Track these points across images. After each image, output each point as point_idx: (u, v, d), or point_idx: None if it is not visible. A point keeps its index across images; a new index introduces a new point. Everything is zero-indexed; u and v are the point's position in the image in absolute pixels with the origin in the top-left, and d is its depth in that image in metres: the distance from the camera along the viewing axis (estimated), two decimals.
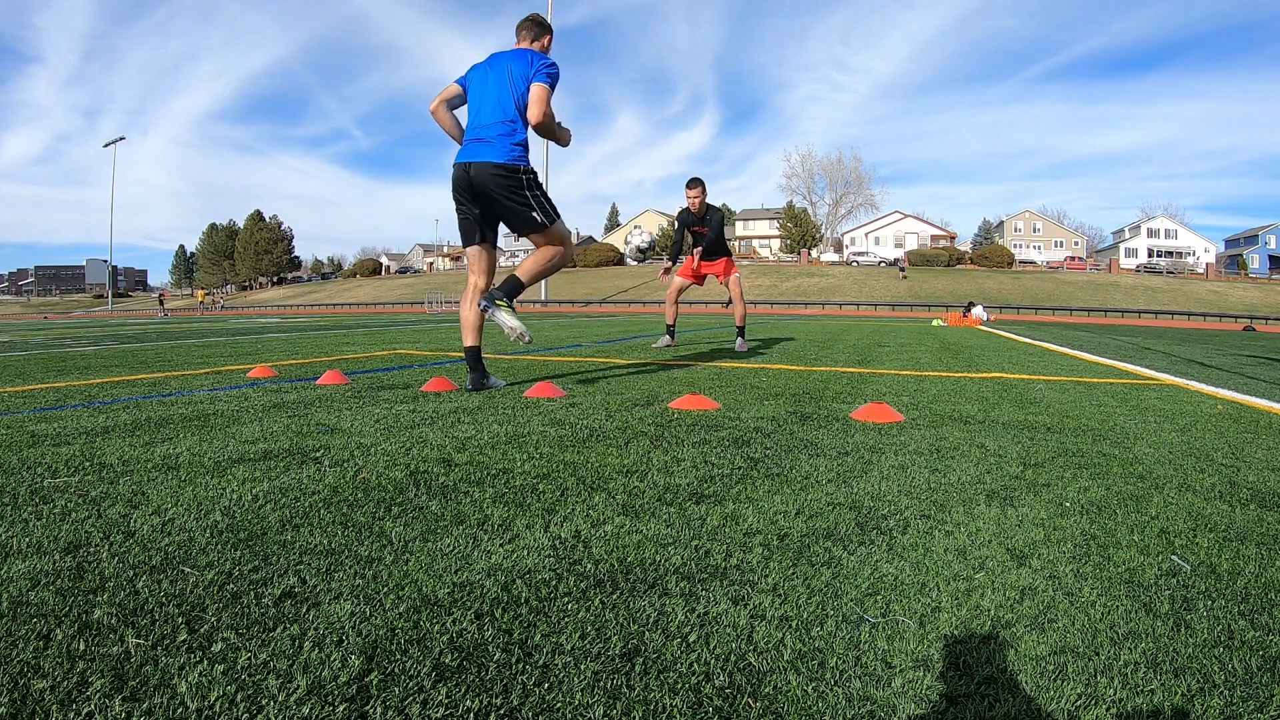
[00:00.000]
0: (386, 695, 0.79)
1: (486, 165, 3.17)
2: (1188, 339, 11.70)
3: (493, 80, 3.26)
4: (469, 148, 3.25)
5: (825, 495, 1.57)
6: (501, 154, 3.17)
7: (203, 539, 1.26)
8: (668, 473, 1.76)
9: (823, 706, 0.79)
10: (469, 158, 3.22)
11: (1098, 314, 35.69)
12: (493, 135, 3.19)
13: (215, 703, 0.77)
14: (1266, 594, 1.08)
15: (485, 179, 3.18)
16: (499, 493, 1.56)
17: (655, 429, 2.33)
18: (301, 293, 69.59)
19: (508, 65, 3.25)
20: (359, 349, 6.18)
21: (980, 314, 16.20)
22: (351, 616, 0.96)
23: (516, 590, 1.06)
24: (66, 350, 6.14)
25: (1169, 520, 1.42)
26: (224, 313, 37.89)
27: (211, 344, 6.92)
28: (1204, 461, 1.94)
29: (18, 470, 1.74)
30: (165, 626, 0.93)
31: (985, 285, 46.27)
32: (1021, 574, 1.15)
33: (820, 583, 1.10)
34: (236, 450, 1.97)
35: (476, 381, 3.30)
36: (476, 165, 3.19)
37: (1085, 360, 5.40)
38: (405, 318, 19.70)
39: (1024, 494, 1.60)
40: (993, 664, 0.87)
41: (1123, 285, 47.80)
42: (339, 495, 1.53)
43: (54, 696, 0.77)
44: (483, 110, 3.26)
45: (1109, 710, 0.79)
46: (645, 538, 1.29)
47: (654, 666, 0.86)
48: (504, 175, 3.17)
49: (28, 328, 14.18)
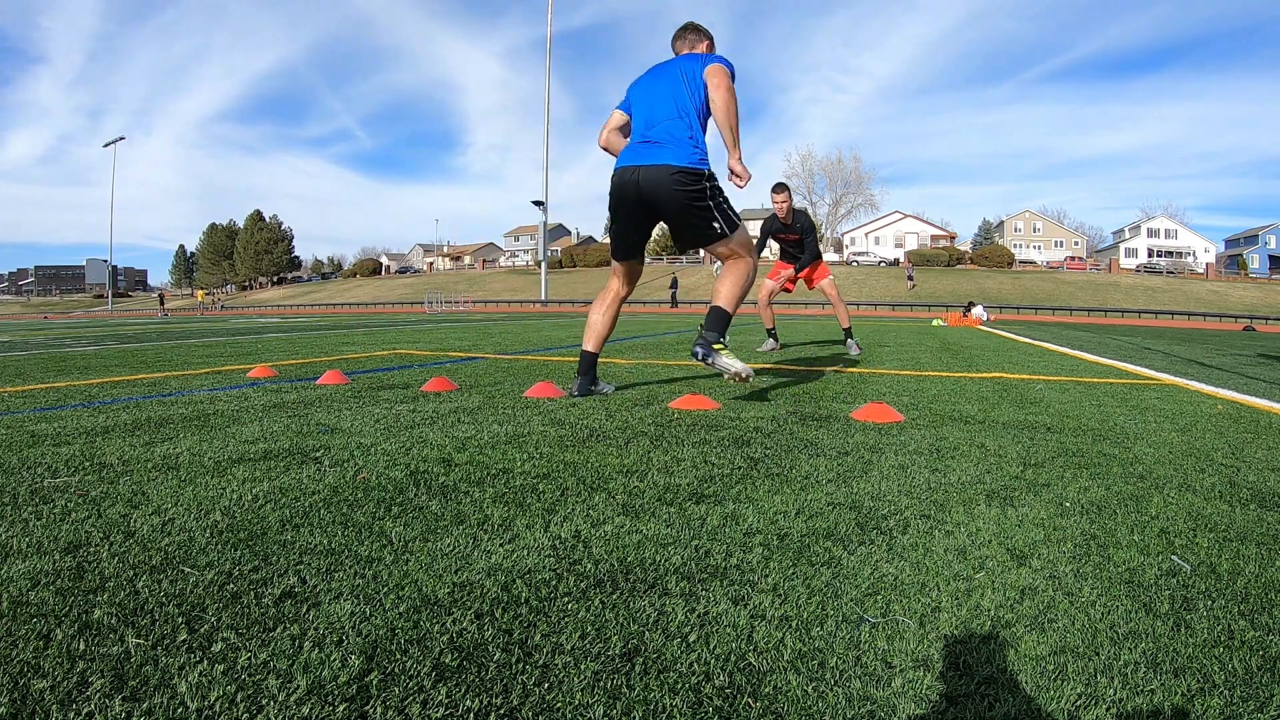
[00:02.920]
0: (386, 695, 0.79)
1: (663, 169, 2.78)
2: (1188, 339, 11.70)
3: (664, 82, 2.94)
4: (636, 150, 2.89)
5: (825, 495, 1.57)
6: (681, 156, 2.80)
7: (203, 539, 1.26)
8: (668, 473, 1.76)
9: (823, 706, 0.79)
10: (638, 160, 2.85)
11: (1098, 314, 35.68)
12: (667, 135, 2.83)
13: (215, 703, 0.77)
14: (1266, 594, 1.08)
15: (660, 185, 2.80)
16: (499, 493, 1.56)
17: (655, 429, 2.33)
18: (301, 293, 69.58)
19: (678, 67, 2.94)
20: (359, 349, 6.18)
21: (980, 314, 16.20)
22: (351, 616, 0.96)
23: (516, 590, 1.06)
24: (66, 350, 6.14)
25: (1169, 520, 1.42)
26: (224, 313, 37.90)
27: (211, 344, 6.92)
28: (1204, 461, 1.94)
29: (18, 470, 1.74)
30: (165, 626, 0.93)
31: (985, 285, 46.27)
32: (1021, 574, 1.15)
33: (820, 583, 1.10)
34: (236, 450, 1.97)
35: (584, 387, 3.07)
36: (649, 170, 2.80)
37: (1085, 360, 5.40)
38: (405, 318, 19.70)
39: (1024, 494, 1.60)
40: (993, 664, 0.87)
41: (1123, 285, 47.80)
42: (339, 495, 1.53)
43: (54, 696, 0.77)
44: (654, 110, 2.90)
45: (1109, 710, 0.79)
46: (645, 538, 1.29)
47: (654, 666, 0.86)
48: (684, 180, 2.79)
49: (28, 327, 14.18)
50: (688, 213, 2.84)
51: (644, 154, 2.85)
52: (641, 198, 2.85)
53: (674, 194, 2.79)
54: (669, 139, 2.82)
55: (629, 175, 2.86)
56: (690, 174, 2.79)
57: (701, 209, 2.85)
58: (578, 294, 48.09)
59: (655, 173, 2.80)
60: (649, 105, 2.93)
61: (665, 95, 2.88)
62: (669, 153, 2.80)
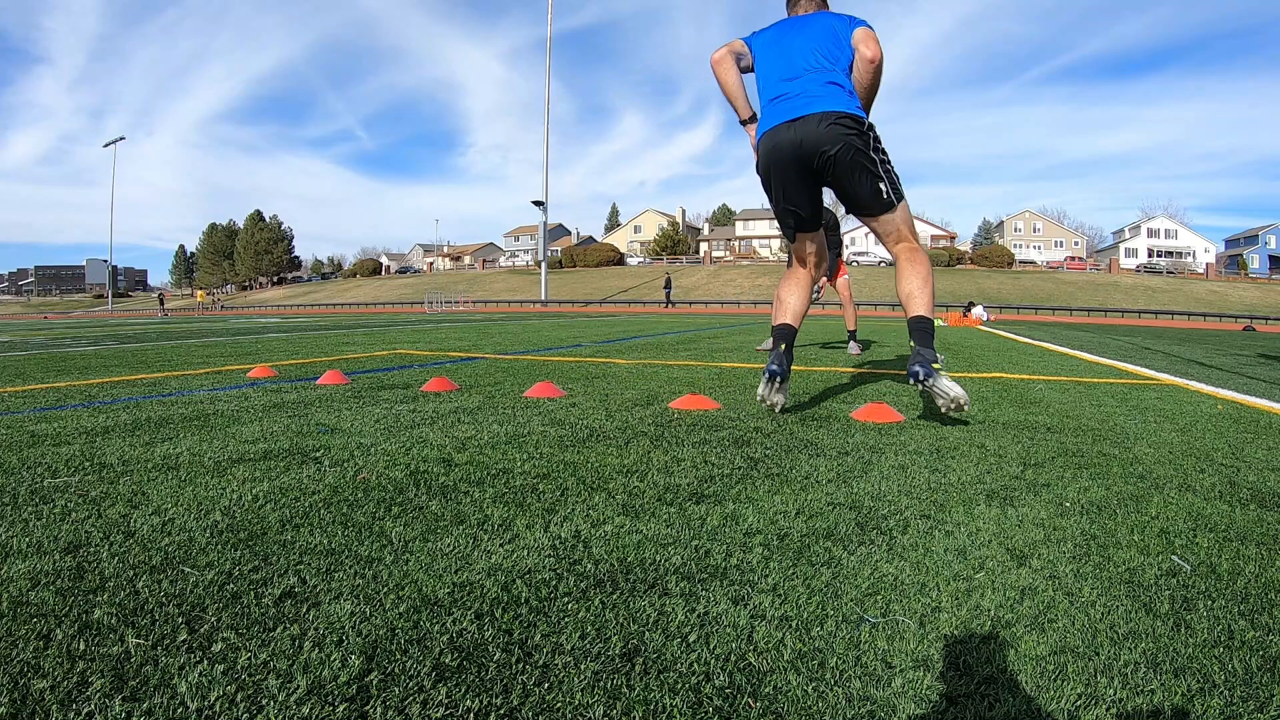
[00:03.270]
0: (386, 695, 0.79)
1: (824, 116, 2.46)
2: (1188, 339, 11.70)
3: (806, 36, 2.64)
4: (784, 104, 2.55)
5: (825, 495, 1.57)
6: (840, 102, 2.49)
7: (203, 539, 1.26)
8: (668, 473, 1.75)
9: (823, 706, 0.79)
10: (793, 113, 2.51)
11: (1098, 314, 35.67)
12: (818, 85, 2.52)
13: (215, 703, 0.77)
14: (1266, 594, 1.08)
15: (822, 135, 2.46)
16: (499, 493, 1.56)
17: (655, 429, 2.33)
18: (301, 293, 69.60)
19: (825, 22, 2.65)
20: (359, 349, 6.18)
21: (980, 314, 16.20)
22: (351, 616, 0.96)
23: (516, 590, 1.06)
24: (66, 350, 6.14)
25: (1169, 520, 1.42)
26: (224, 313, 37.89)
27: (211, 344, 6.92)
28: (1204, 461, 1.94)
29: (18, 470, 1.74)
30: (165, 626, 0.93)
31: (985, 285, 46.27)
32: (1021, 574, 1.15)
33: (820, 583, 1.10)
34: (236, 450, 1.97)
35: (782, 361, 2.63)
36: (805, 120, 2.48)
37: (1085, 360, 5.40)
38: (405, 318, 19.69)
39: (1024, 494, 1.60)
40: (993, 664, 0.87)
41: (1123, 285, 47.79)
42: (339, 495, 1.53)
43: (54, 696, 0.77)
44: (795, 60, 2.59)
45: (1109, 710, 0.79)
46: (645, 538, 1.29)
47: (654, 666, 0.86)
48: (849, 126, 2.47)
49: (28, 327, 14.18)
50: (857, 166, 2.51)
51: (798, 104, 2.51)
52: (802, 156, 2.52)
53: (842, 140, 2.46)
54: (821, 86, 2.52)
55: (785, 133, 2.53)
56: (855, 119, 2.49)
57: (869, 163, 2.53)
58: (577, 294, 48.08)
59: (814, 123, 2.47)
60: (789, 56, 2.62)
61: (810, 47, 2.60)
62: (827, 100, 2.49)
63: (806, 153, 2.52)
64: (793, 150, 2.53)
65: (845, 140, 2.47)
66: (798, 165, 2.57)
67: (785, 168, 2.60)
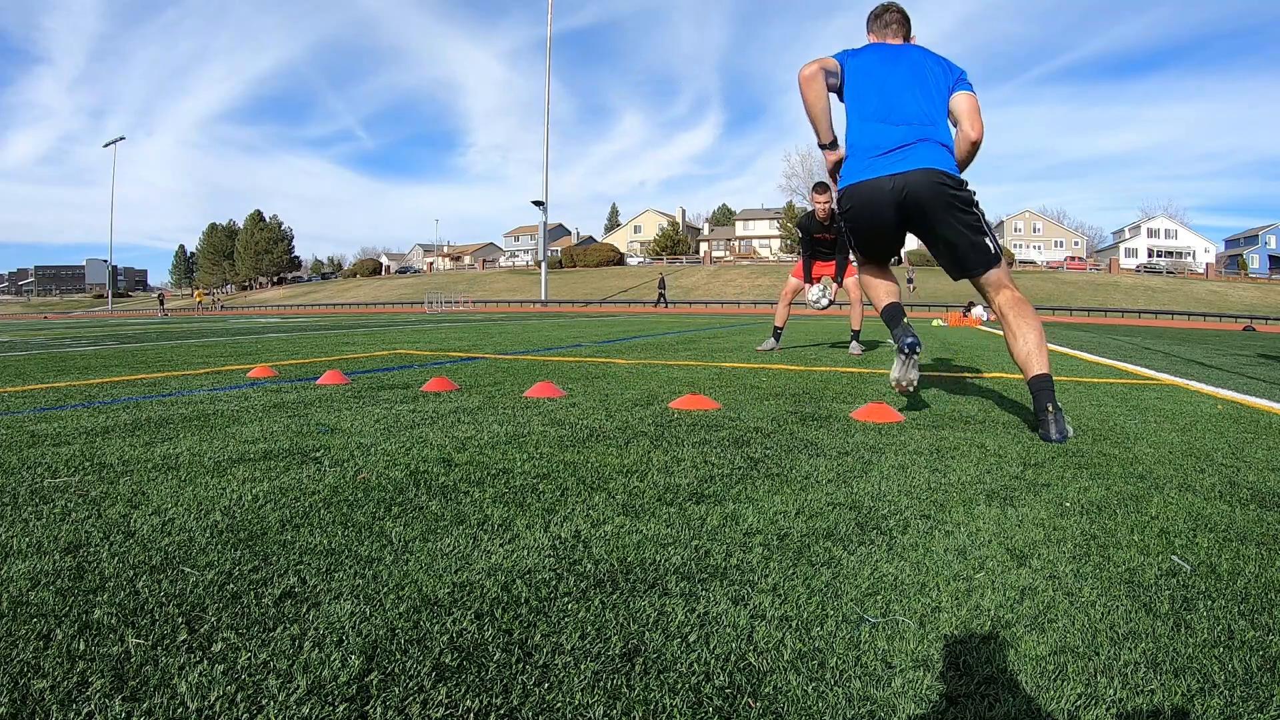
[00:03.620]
0: (386, 695, 0.79)
1: (932, 174, 2.42)
2: (1188, 339, 11.70)
3: (905, 71, 2.56)
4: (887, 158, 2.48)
5: (825, 495, 1.57)
6: (945, 161, 2.46)
7: (203, 539, 1.26)
8: (668, 473, 1.75)
9: (823, 706, 0.79)
10: (900, 167, 2.45)
11: (1098, 314, 35.68)
12: (933, 138, 2.48)
13: (215, 703, 0.77)
14: (1266, 594, 1.08)
15: (929, 191, 2.43)
16: (499, 493, 1.56)
17: (655, 429, 2.33)
18: (301, 293, 69.59)
19: (926, 64, 2.59)
20: (359, 349, 6.18)
21: (980, 314, 16.19)
22: (351, 616, 0.96)
23: (516, 590, 1.06)
24: (66, 350, 6.14)
25: (1169, 520, 1.42)
26: (223, 312, 37.90)
27: (211, 344, 6.92)
28: (1204, 461, 1.94)
29: (18, 470, 1.74)
30: (165, 626, 0.93)
31: None
32: (1021, 574, 1.15)
33: (820, 583, 1.10)
34: (236, 450, 1.97)
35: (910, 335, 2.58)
36: (915, 175, 2.43)
37: (1085, 360, 5.40)
38: (405, 318, 19.70)
39: (1024, 494, 1.60)
40: (993, 664, 0.87)
41: (1123, 285, 47.80)
42: (339, 495, 1.53)
43: (54, 696, 0.77)
44: (902, 105, 2.52)
45: (1109, 710, 0.79)
46: (645, 538, 1.29)
47: (654, 666, 0.86)
48: (953, 186, 2.44)
49: (28, 327, 14.18)
50: (959, 223, 2.47)
51: (905, 158, 2.46)
52: (904, 210, 2.48)
53: (944, 202, 2.44)
54: (935, 142, 2.48)
55: (890, 184, 2.46)
56: (957, 181, 2.47)
57: (972, 220, 2.48)
58: (577, 294, 48.09)
59: (925, 177, 2.43)
60: (893, 96, 2.54)
61: (918, 91, 2.54)
62: (931, 155, 2.46)
63: (909, 210, 2.49)
64: (893, 203, 2.49)
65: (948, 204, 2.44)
66: (896, 220, 2.53)
67: (878, 223, 2.57)
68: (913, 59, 2.60)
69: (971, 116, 2.54)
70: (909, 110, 2.51)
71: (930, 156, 2.45)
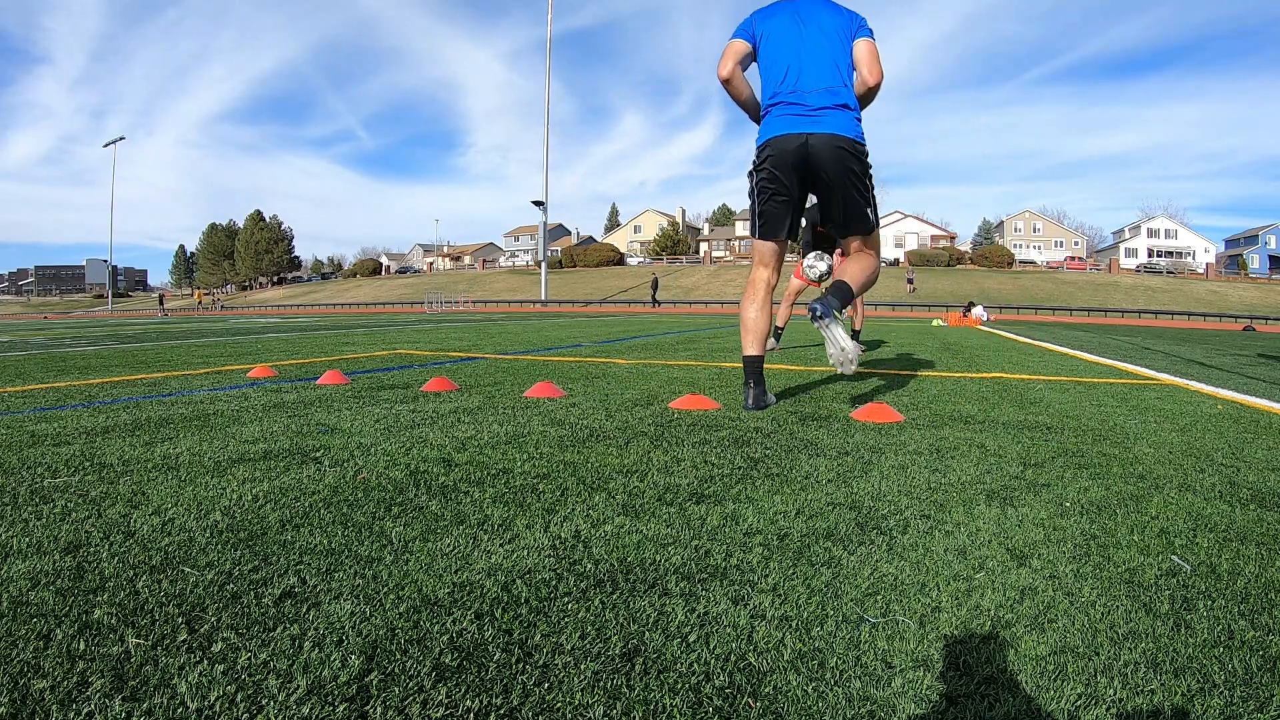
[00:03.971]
0: (386, 695, 0.79)
1: (834, 139, 2.56)
2: (1188, 339, 11.70)
3: (814, 33, 2.65)
4: (799, 117, 2.61)
5: (825, 495, 1.57)
6: (849, 127, 2.60)
7: (203, 539, 1.26)
8: (668, 473, 1.75)
9: (823, 706, 0.79)
10: (807, 128, 2.59)
11: (1098, 314, 35.68)
12: (834, 103, 2.60)
13: (215, 703, 0.77)
14: (1266, 594, 1.08)
15: (831, 156, 2.57)
16: (499, 493, 1.56)
17: (655, 429, 2.33)
18: (301, 293, 69.59)
19: (819, 16, 2.67)
20: (359, 349, 6.18)
21: (980, 314, 16.20)
22: (351, 616, 0.96)
23: (516, 590, 1.06)
24: (66, 350, 6.14)
25: (1169, 520, 1.42)
26: (223, 312, 37.90)
27: (211, 344, 6.92)
28: (1204, 461, 1.94)
29: (18, 470, 1.74)
30: (165, 626, 0.93)
31: (985, 285, 46.27)
32: (1021, 574, 1.15)
33: (820, 583, 1.10)
34: (236, 450, 1.97)
35: (759, 399, 2.74)
36: (819, 138, 2.57)
37: (1085, 360, 5.40)
38: (405, 318, 19.70)
39: (1024, 494, 1.60)
40: (993, 664, 0.87)
41: (1123, 285, 47.80)
42: (339, 495, 1.53)
43: (54, 696, 0.77)
44: (807, 69, 2.63)
45: (1109, 710, 0.79)
46: (645, 538, 1.29)
47: (654, 666, 0.86)
48: (853, 154, 2.59)
49: (28, 327, 14.18)
50: (851, 190, 2.63)
51: (812, 121, 2.59)
52: (808, 168, 2.61)
53: (844, 168, 2.59)
54: (832, 106, 2.60)
55: (797, 144, 2.60)
56: (859, 148, 2.61)
57: (863, 189, 2.66)
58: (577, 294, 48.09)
59: (827, 142, 2.57)
60: (799, 59, 2.65)
61: (821, 52, 2.63)
62: (836, 120, 2.59)
63: (812, 169, 2.63)
64: (800, 162, 2.62)
65: (847, 170, 2.60)
66: (799, 176, 2.67)
67: (787, 176, 2.67)
68: (819, 20, 2.69)
69: (870, 63, 2.66)
70: (816, 71, 2.64)
71: (837, 123, 2.60)
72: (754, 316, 2.85)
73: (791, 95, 2.65)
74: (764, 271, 2.89)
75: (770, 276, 2.90)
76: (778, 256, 2.88)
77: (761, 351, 2.83)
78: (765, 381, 2.84)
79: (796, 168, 2.64)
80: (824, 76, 2.63)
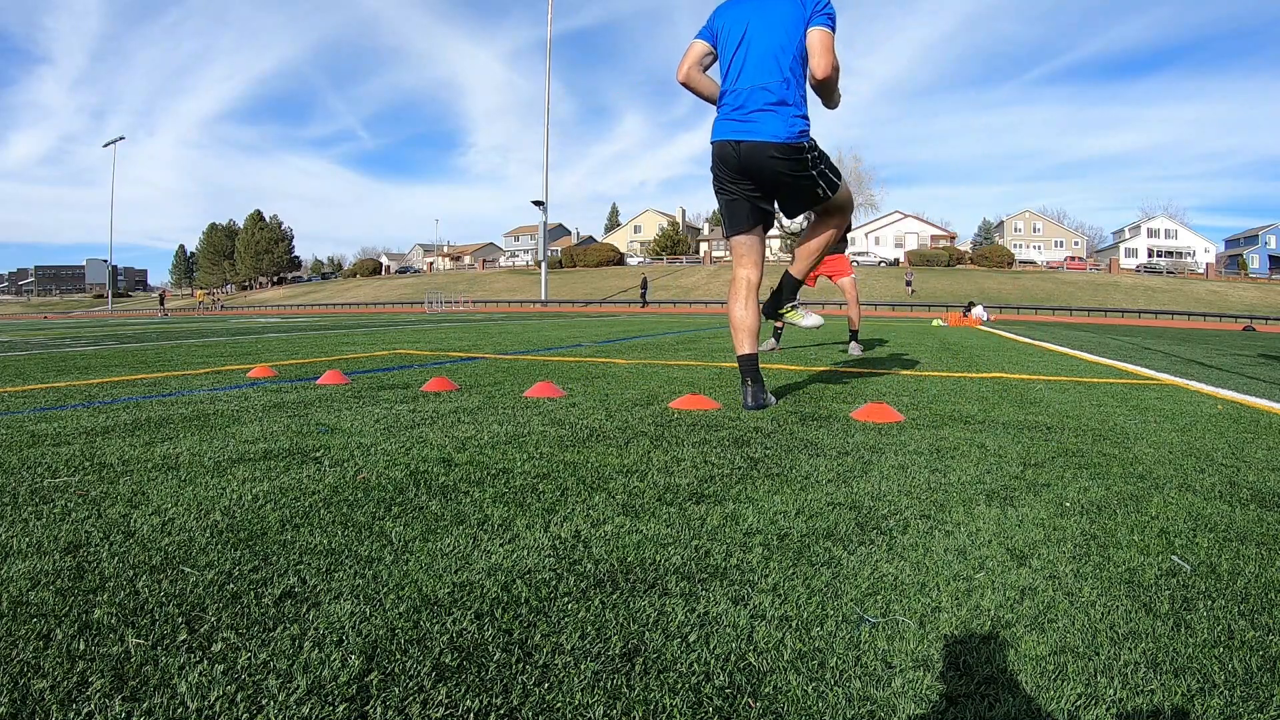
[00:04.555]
0: (386, 695, 0.79)
1: (763, 147, 2.58)
2: (1188, 339, 11.70)
3: (758, 25, 2.62)
4: (733, 122, 2.64)
5: (825, 495, 1.57)
6: (781, 130, 2.57)
7: (203, 539, 1.26)
8: (668, 473, 1.75)
9: (823, 706, 0.79)
10: (737, 135, 2.62)
11: (1098, 314, 35.68)
12: (766, 103, 2.58)
13: (215, 703, 0.77)
14: (1266, 594, 1.08)
15: (761, 164, 2.61)
16: (499, 493, 1.56)
17: (655, 429, 2.33)
18: (301, 293, 69.57)
19: (771, 6, 2.62)
20: (359, 349, 6.18)
21: (980, 314, 16.19)
22: (351, 616, 0.96)
23: (516, 590, 1.06)
24: (66, 350, 6.14)
25: (1169, 520, 1.42)
26: (223, 312, 37.89)
27: (211, 344, 6.92)
28: (1204, 461, 1.94)
29: (18, 470, 1.74)
30: (165, 626, 0.93)
31: (985, 285, 46.27)
32: (1021, 574, 1.15)
33: (820, 583, 1.10)
34: (236, 450, 1.97)
35: (758, 396, 2.75)
36: (749, 145, 2.60)
37: (1085, 360, 5.40)
38: (405, 318, 19.70)
39: (1024, 494, 1.60)
40: (993, 664, 0.87)
41: (1123, 285, 47.80)
42: (339, 495, 1.53)
43: (54, 696, 0.77)
44: (748, 67, 2.63)
45: (1109, 710, 0.79)
46: (645, 538, 1.29)
47: (654, 666, 0.86)
48: (785, 158, 2.59)
49: (27, 327, 14.17)
50: (791, 184, 2.68)
51: (744, 127, 2.61)
52: (744, 170, 2.66)
53: (776, 173, 2.63)
54: (768, 106, 2.58)
55: (729, 149, 2.65)
56: (794, 150, 2.59)
57: (806, 180, 2.66)
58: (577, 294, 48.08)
59: (757, 150, 2.59)
60: (743, 57, 2.64)
61: (764, 48, 2.60)
62: (768, 125, 2.57)
63: (747, 170, 2.68)
64: (734, 164, 2.68)
65: (781, 174, 2.64)
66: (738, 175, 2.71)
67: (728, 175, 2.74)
68: (769, 11, 2.63)
69: (820, 54, 2.54)
70: (755, 69, 2.61)
71: (767, 128, 2.58)
72: (741, 314, 2.86)
73: (731, 95, 2.67)
74: (744, 269, 2.89)
75: (751, 273, 2.88)
76: (755, 251, 2.87)
77: (755, 349, 2.84)
78: (763, 379, 2.84)
79: (737, 170, 2.68)
80: (762, 73, 2.60)
